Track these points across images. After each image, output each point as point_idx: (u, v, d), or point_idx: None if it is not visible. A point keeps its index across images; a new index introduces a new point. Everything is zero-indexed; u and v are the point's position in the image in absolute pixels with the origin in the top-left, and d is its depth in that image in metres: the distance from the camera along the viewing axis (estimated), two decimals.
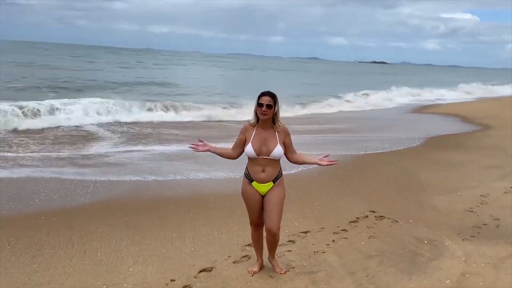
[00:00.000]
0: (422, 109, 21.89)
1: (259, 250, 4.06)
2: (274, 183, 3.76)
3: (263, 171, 3.71)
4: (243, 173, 3.85)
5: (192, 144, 3.79)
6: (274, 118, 3.69)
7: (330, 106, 21.68)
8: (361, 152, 10.04)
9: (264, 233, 3.91)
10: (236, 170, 7.49)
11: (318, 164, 3.82)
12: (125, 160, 8.59)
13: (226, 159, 3.94)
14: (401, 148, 10.80)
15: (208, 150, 3.79)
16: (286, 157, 3.84)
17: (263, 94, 3.68)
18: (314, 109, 20.48)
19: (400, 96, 28.32)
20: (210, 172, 7.76)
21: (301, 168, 7.90)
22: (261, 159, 3.69)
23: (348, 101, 24.24)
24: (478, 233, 5.10)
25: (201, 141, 3.81)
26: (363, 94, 27.20)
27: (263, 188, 3.75)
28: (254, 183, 3.76)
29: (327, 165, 3.78)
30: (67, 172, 7.47)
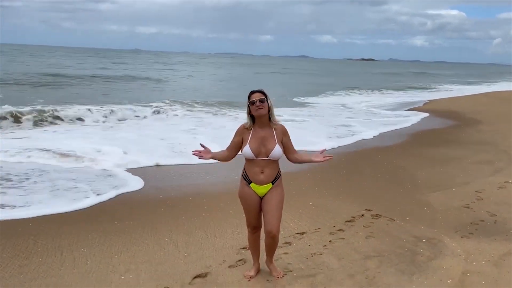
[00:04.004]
0: (408, 106, 21.74)
1: (256, 253, 3.93)
2: (273, 184, 3.63)
3: (262, 172, 3.58)
4: (240, 174, 3.72)
5: (196, 152, 3.66)
6: (269, 114, 3.57)
7: None
8: (353, 150, 9.99)
9: (262, 236, 3.79)
10: (228, 171, 7.36)
11: (313, 161, 3.69)
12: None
13: (222, 162, 3.86)
14: (391, 144, 10.78)
15: (212, 158, 3.69)
16: (287, 157, 3.72)
17: (252, 92, 3.57)
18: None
19: None
20: (201, 174, 7.62)
21: (293, 167, 7.79)
22: (260, 160, 3.56)
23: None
24: (476, 230, 5.03)
25: (204, 147, 3.68)
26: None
27: (261, 190, 3.63)
28: (252, 185, 3.63)
29: (322, 161, 3.64)
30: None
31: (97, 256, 4.31)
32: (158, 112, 16.12)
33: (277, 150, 3.54)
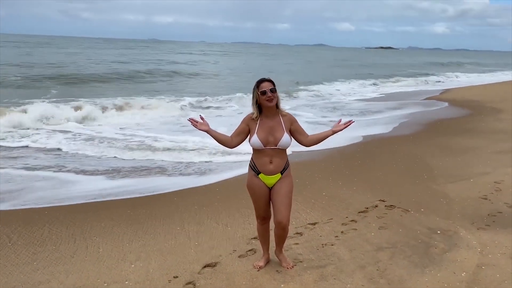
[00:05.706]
0: (425, 95, 21.20)
1: (265, 244, 3.90)
2: (282, 174, 3.58)
3: (271, 162, 3.52)
4: (248, 165, 3.67)
5: (192, 119, 3.59)
6: (277, 104, 3.51)
7: None
8: (368, 140, 9.84)
9: (272, 226, 3.75)
10: (241, 158, 7.34)
11: (334, 132, 3.56)
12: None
13: (221, 145, 3.68)
14: (407, 133, 10.59)
15: (207, 131, 3.58)
16: (301, 143, 3.64)
17: (261, 81, 3.48)
18: None
19: None
20: (215, 161, 7.63)
21: (306, 157, 7.73)
22: (268, 149, 3.51)
23: None
24: (493, 221, 4.90)
25: (202, 119, 3.62)
26: None
27: (270, 180, 3.58)
28: (261, 175, 3.58)
29: (344, 128, 3.53)
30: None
31: (109, 244, 4.36)
32: None
33: (285, 139, 3.48)
